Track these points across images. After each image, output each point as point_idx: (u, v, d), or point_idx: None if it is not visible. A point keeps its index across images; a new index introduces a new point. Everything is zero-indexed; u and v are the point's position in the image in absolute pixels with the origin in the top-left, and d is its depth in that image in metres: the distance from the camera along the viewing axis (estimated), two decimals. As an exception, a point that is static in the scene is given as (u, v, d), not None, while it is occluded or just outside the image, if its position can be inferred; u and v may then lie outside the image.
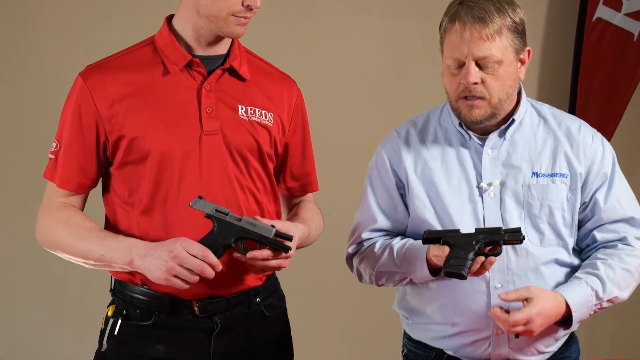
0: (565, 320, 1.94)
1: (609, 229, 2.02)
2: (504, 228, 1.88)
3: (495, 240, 1.87)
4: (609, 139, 3.71)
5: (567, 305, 1.91)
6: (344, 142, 3.72)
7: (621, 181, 2.05)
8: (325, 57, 3.79)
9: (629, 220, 2.02)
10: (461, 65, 1.93)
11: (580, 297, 1.93)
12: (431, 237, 1.92)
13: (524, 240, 1.88)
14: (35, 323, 3.75)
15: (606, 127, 3.74)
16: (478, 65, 1.92)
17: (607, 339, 4.16)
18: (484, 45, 1.90)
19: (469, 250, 1.85)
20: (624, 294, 2.00)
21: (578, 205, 2.02)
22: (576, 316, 1.93)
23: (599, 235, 2.02)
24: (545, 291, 1.92)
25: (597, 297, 1.95)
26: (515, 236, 1.86)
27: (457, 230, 1.91)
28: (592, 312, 1.96)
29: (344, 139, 3.73)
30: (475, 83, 1.92)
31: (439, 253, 1.89)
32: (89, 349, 2.03)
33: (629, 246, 2.00)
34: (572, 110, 3.79)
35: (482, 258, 1.86)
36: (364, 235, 2.13)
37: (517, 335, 1.92)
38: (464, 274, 1.84)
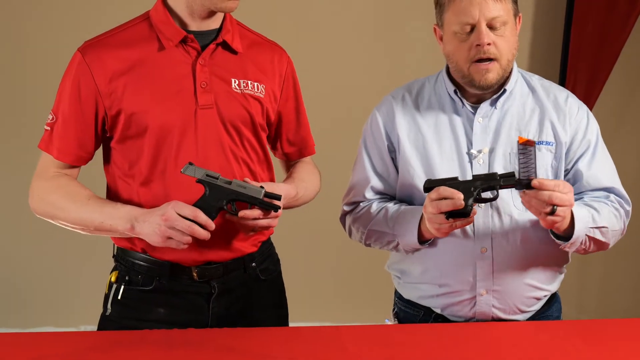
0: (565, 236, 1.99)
1: (590, 195, 2.08)
2: (498, 173, 1.94)
3: (492, 185, 1.94)
4: (598, 92, 3.76)
5: (572, 216, 1.95)
6: (339, 101, 3.76)
7: (603, 152, 2.11)
8: (317, 18, 3.82)
9: (609, 189, 2.09)
10: (471, 30, 1.99)
11: (583, 214, 1.99)
12: (432, 187, 1.97)
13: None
14: (45, 288, 3.86)
15: (595, 81, 3.76)
16: (487, 27, 1.98)
17: (593, 298, 4.23)
18: (495, 5, 1.97)
19: (468, 197, 1.92)
20: (610, 236, 2.04)
21: (562, 172, 2.08)
22: (578, 227, 1.96)
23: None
24: None
25: (593, 219, 2.01)
26: (509, 180, 1.93)
27: (456, 178, 1.97)
28: (585, 238, 1.99)
29: (339, 98, 3.77)
30: (489, 44, 1.98)
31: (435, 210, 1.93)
32: (95, 312, 2.12)
33: (612, 202, 2.07)
34: (563, 63, 3.81)
35: None
36: (359, 197, 2.19)
37: (552, 211, 1.88)
38: (467, 215, 1.90)
